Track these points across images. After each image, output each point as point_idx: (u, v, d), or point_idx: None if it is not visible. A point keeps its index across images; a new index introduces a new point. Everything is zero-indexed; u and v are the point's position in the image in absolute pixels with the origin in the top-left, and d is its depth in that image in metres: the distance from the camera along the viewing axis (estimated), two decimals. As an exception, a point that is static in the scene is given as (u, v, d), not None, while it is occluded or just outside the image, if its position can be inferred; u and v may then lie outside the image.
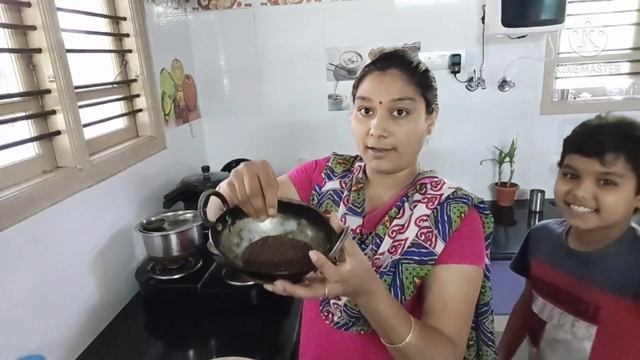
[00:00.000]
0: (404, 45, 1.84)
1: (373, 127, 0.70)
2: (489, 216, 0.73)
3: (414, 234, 0.71)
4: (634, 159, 0.71)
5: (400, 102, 0.70)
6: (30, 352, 0.91)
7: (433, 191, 0.74)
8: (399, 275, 0.69)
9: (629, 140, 0.71)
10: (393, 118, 0.70)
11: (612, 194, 0.73)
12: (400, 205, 0.75)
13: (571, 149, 0.78)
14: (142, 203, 1.41)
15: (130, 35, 1.42)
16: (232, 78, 1.96)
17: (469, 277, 0.69)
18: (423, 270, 0.69)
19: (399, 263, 0.70)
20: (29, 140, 1.01)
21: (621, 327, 0.77)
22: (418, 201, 0.74)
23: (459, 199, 0.72)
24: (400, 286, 0.69)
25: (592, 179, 0.74)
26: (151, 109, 1.50)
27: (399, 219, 0.73)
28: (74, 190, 1.07)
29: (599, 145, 0.72)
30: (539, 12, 1.61)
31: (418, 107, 0.71)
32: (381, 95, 0.70)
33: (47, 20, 1.01)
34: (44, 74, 1.03)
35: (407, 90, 0.70)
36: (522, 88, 1.86)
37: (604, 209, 0.74)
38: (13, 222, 0.88)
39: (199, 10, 1.87)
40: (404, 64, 0.72)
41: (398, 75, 0.71)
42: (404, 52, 0.75)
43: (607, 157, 0.71)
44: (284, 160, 2.02)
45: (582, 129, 0.79)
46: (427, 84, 0.73)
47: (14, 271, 0.89)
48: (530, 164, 1.92)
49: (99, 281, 1.17)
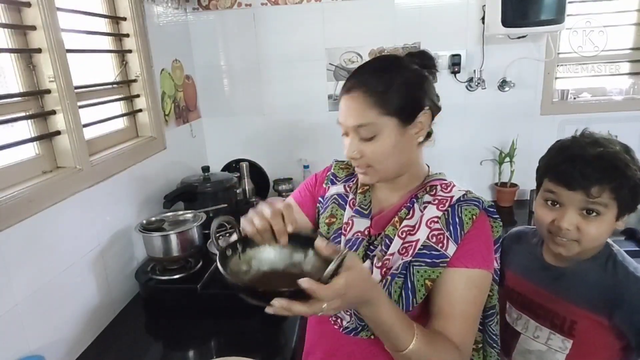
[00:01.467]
0: (404, 45, 1.84)
1: (345, 150, 0.73)
2: (498, 220, 0.73)
3: (425, 235, 0.70)
4: (617, 189, 0.71)
5: (362, 127, 0.69)
6: (30, 352, 0.91)
7: (443, 193, 0.74)
8: (410, 277, 0.69)
9: (613, 171, 0.71)
10: (363, 140, 0.70)
11: (594, 223, 0.73)
12: (410, 206, 0.74)
13: (553, 178, 0.76)
14: (142, 203, 1.41)
15: (130, 35, 1.42)
16: (232, 78, 1.96)
17: (478, 281, 0.69)
18: (435, 273, 0.69)
19: (410, 265, 0.70)
20: (29, 140, 1.01)
21: (597, 342, 0.77)
22: (428, 202, 0.73)
23: (470, 201, 0.72)
24: (411, 288, 0.69)
25: (576, 208, 0.74)
26: (151, 109, 1.50)
27: (409, 220, 0.73)
28: (74, 191, 1.07)
29: (584, 180, 0.71)
30: (539, 12, 1.61)
31: (384, 128, 0.69)
32: (347, 119, 0.71)
33: (47, 20, 1.00)
34: (43, 74, 1.03)
35: (367, 115, 0.68)
36: (522, 88, 1.85)
37: (586, 239, 0.74)
38: (13, 223, 0.88)
39: (199, 11, 1.87)
40: (366, 83, 0.69)
41: (360, 98, 0.69)
42: (375, 66, 0.73)
43: (593, 190, 0.71)
44: (283, 161, 2.03)
45: (562, 157, 0.76)
46: (401, 99, 0.69)
47: (14, 271, 0.89)
48: (530, 164, 1.90)
49: (99, 281, 1.16)
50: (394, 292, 0.69)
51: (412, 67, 0.73)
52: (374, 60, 0.76)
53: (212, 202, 1.54)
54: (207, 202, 1.52)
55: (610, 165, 0.71)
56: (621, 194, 0.72)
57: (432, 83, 0.75)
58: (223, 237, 1.31)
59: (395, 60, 0.73)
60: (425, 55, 0.76)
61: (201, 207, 1.45)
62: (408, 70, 0.72)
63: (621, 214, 0.74)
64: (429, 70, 0.76)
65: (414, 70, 0.72)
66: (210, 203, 1.53)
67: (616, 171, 0.71)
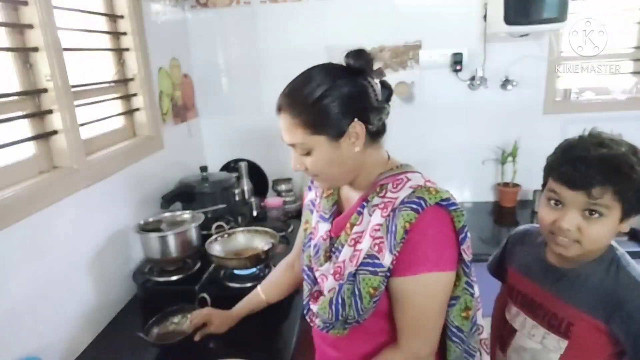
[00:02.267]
0: (405, 43, 1.82)
1: (291, 162, 0.77)
2: (458, 210, 0.70)
3: (368, 245, 0.70)
4: (621, 192, 0.70)
5: (296, 146, 0.72)
6: (27, 354, 0.90)
7: (392, 193, 0.71)
8: (357, 285, 0.71)
9: (617, 174, 0.70)
10: (301, 155, 0.73)
11: (596, 224, 0.72)
12: (361, 210, 0.74)
13: (556, 178, 0.75)
14: (140, 203, 1.40)
15: (127, 33, 1.41)
16: (230, 77, 1.95)
17: (430, 285, 0.69)
18: (376, 281, 0.70)
19: (356, 274, 0.71)
20: (26, 140, 1.00)
21: (591, 345, 0.76)
22: (376, 206, 0.71)
23: (409, 204, 0.68)
24: (359, 295, 0.71)
25: (578, 209, 0.73)
26: (148, 108, 1.49)
27: (358, 226, 0.73)
28: (71, 191, 1.06)
29: (586, 180, 0.70)
30: (541, 10, 1.59)
31: (315, 145, 0.70)
32: (284, 137, 0.74)
33: (44, 18, 0.99)
34: (40, 73, 1.02)
35: (295, 135, 0.70)
36: (524, 87, 1.84)
37: (587, 240, 0.73)
38: (9, 223, 0.87)
39: (197, 8, 1.86)
40: (288, 106, 0.71)
41: (285, 120, 0.71)
42: (291, 88, 0.73)
43: (595, 192, 0.70)
44: (282, 160, 2.01)
45: (566, 157, 0.75)
46: (321, 119, 0.68)
47: (11, 273, 0.88)
48: (533, 164, 1.88)
49: (96, 283, 1.15)
50: (346, 298, 0.72)
51: (336, 80, 0.69)
52: (298, 77, 0.74)
53: (211, 202, 1.53)
54: (206, 203, 1.51)
55: (613, 168, 0.70)
56: (625, 196, 0.70)
57: (364, 88, 0.71)
58: (222, 237, 1.30)
59: (317, 75, 0.71)
60: (362, 56, 0.73)
61: (199, 208, 1.44)
62: (329, 85, 0.69)
63: (626, 216, 0.73)
64: (364, 70, 0.72)
65: (337, 83, 0.69)
66: (209, 203, 1.52)
67: (620, 174, 0.70)
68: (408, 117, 1.88)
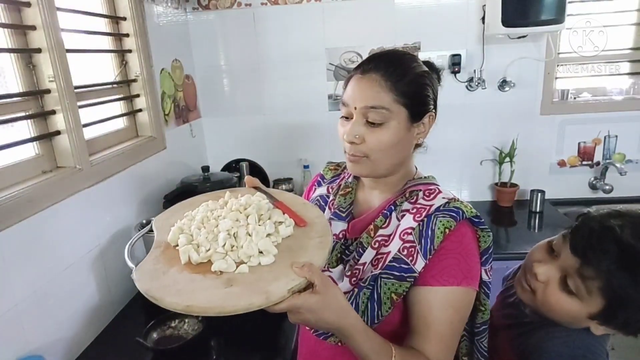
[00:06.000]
0: (404, 45, 1.84)
1: (345, 133, 0.68)
2: (485, 230, 0.68)
3: (396, 248, 0.67)
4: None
5: (374, 110, 0.66)
6: (29, 352, 0.91)
7: (424, 201, 0.69)
8: (377, 289, 0.67)
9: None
10: (368, 125, 0.67)
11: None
12: (387, 213, 0.71)
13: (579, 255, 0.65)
14: (142, 203, 1.41)
15: (130, 35, 1.42)
16: (232, 78, 1.96)
17: (455, 299, 0.66)
18: (402, 287, 0.66)
19: (379, 277, 0.67)
20: (29, 140, 1.01)
21: None
22: (407, 211, 0.69)
23: (448, 212, 0.67)
24: (377, 301, 0.67)
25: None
26: (151, 109, 1.50)
27: (384, 229, 0.70)
28: (74, 191, 1.07)
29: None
30: (539, 12, 1.61)
31: (395, 117, 0.66)
32: (356, 100, 0.67)
33: (47, 20, 1.00)
34: (43, 74, 1.03)
35: (382, 98, 0.66)
36: (522, 88, 1.85)
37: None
38: (12, 223, 0.88)
39: (199, 10, 1.87)
40: (387, 68, 0.67)
41: (376, 81, 0.66)
42: (392, 55, 0.71)
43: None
44: (284, 160, 2.03)
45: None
46: (414, 92, 0.67)
47: (14, 271, 0.89)
48: (530, 164, 1.92)
49: (98, 282, 1.16)
50: (361, 302, 0.68)
51: (424, 68, 0.72)
52: (390, 50, 0.74)
53: (212, 202, 1.53)
54: (207, 202, 1.52)
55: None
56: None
57: (437, 88, 0.74)
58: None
59: (411, 55, 0.72)
60: (433, 66, 0.75)
61: (201, 207, 1.45)
62: (422, 68, 0.71)
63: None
64: (437, 77, 0.75)
65: (426, 71, 0.71)
66: (210, 203, 1.52)
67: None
68: (407, 117, 1.90)
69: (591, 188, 1.96)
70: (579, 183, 1.96)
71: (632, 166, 1.89)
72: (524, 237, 1.67)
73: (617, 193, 1.89)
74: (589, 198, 1.97)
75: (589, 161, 1.93)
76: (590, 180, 1.95)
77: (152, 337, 1.06)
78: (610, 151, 1.91)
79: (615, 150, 1.91)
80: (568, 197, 1.96)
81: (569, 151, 1.92)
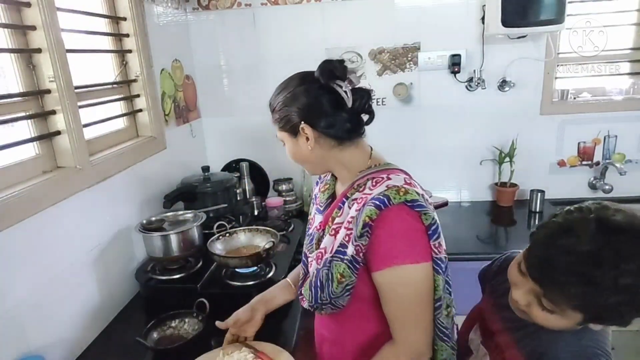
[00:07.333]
0: (404, 45, 1.84)
1: None
2: (424, 209, 0.73)
3: (342, 235, 0.78)
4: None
5: (278, 137, 0.86)
6: (30, 352, 0.91)
7: (369, 190, 0.76)
8: (332, 270, 0.78)
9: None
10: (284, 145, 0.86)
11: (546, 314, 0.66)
12: (341, 205, 0.82)
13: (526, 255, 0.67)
14: (142, 203, 1.41)
15: (130, 35, 1.42)
16: (232, 78, 1.96)
17: (406, 276, 0.73)
18: (341, 267, 0.76)
19: (332, 260, 0.79)
20: (29, 140, 1.01)
21: None
22: (355, 200, 0.78)
23: (375, 200, 0.72)
24: (331, 279, 0.78)
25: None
26: (151, 109, 1.50)
27: (339, 218, 0.81)
28: (74, 191, 1.07)
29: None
30: (538, 12, 1.61)
31: (286, 138, 0.84)
32: None
33: (47, 20, 1.00)
34: (43, 74, 1.03)
35: (276, 127, 0.85)
36: (522, 88, 1.85)
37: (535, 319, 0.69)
38: (13, 222, 0.88)
39: (199, 11, 1.87)
40: (270, 102, 0.85)
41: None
42: (273, 94, 0.85)
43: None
44: (283, 160, 2.01)
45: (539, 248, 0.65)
46: (281, 119, 0.82)
47: (14, 271, 0.89)
48: (530, 164, 1.92)
49: (99, 281, 1.17)
50: (324, 280, 0.80)
51: (296, 88, 0.80)
52: (280, 83, 0.86)
53: (212, 202, 1.54)
54: (207, 202, 1.52)
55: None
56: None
57: (318, 97, 0.78)
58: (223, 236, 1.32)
59: (289, 82, 0.83)
60: (327, 66, 0.79)
61: (201, 207, 1.45)
62: (290, 91, 0.81)
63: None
64: (332, 77, 0.78)
65: (296, 91, 0.80)
66: (210, 203, 1.53)
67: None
68: (407, 118, 1.90)
69: (591, 188, 1.97)
70: (579, 183, 1.96)
71: (631, 166, 1.89)
72: (524, 237, 1.65)
73: (617, 193, 1.89)
74: (589, 198, 1.96)
75: (589, 161, 1.93)
76: (590, 180, 1.96)
77: (152, 337, 1.06)
78: (610, 151, 1.91)
79: (615, 150, 1.91)
80: (568, 197, 1.95)
81: (569, 151, 1.92)
